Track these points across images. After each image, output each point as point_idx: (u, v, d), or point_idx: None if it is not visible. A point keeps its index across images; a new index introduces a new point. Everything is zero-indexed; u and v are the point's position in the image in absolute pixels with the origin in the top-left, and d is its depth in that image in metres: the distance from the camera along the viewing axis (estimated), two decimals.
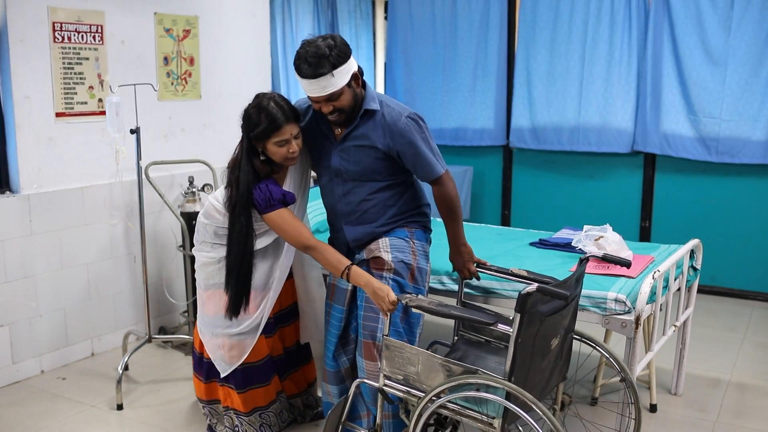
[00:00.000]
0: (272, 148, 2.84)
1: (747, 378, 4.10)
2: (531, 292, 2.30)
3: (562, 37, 5.92)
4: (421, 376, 2.57)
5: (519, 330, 2.33)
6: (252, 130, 2.84)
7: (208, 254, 3.08)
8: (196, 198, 4.36)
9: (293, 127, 2.85)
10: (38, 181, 3.99)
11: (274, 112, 2.80)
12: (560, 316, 2.55)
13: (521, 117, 6.19)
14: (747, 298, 5.53)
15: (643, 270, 3.29)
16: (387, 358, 2.65)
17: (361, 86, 2.86)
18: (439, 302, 2.56)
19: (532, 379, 2.50)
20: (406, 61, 6.76)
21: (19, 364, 4.00)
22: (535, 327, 2.40)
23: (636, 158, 5.84)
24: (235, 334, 3.08)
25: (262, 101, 2.85)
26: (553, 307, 2.46)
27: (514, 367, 2.36)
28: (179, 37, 4.62)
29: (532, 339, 2.41)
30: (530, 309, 2.34)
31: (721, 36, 5.28)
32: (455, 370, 2.47)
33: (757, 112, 5.24)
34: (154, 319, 4.57)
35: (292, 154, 2.86)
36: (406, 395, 2.63)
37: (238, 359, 3.11)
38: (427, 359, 2.54)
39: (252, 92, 5.13)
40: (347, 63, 2.74)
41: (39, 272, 4.03)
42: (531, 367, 2.47)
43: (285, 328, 3.35)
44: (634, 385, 2.78)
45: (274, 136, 2.81)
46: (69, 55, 4.02)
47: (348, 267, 2.79)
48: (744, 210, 5.48)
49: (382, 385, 2.68)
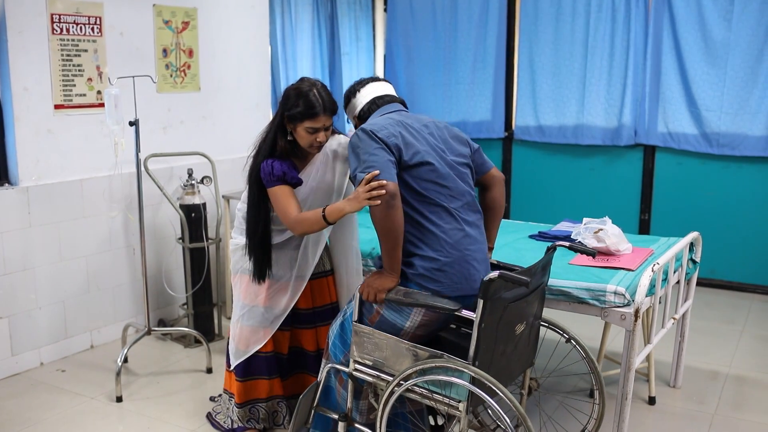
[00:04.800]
0: (301, 132, 2.88)
1: (746, 370, 4.10)
2: (493, 279, 2.35)
3: (564, 32, 5.92)
4: (389, 361, 2.63)
5: (482, 315, 2.39)
6: (288, 109, 2.87)
7: (235, 240, 3.17)
8: (195, 190, 4.36)
9: (327, 119, 2.89)
10: (37, 173, 3.98)
11: (313, 99, 2.84)
12: (525, 303, 2.59)
13: (525, 112, 6.20)
14: (746, 291, 5.53)
15: (642, 262, 3.29)
16: (356, 344, 2.71)
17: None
18: (405, 291, 2.59)
19: (497, 364, 2.54)
20: (408, 54, 6.74)
21: (19, 356, 4.00)
22: (498, 313, 2.44)
23: (636, 151, 5.84)
24: (251, 323, 3.13)
25: (304, 86, 2.89)
26: (517, 294, 2.50)
27: (478, 352, 2.42)
28: (178, 29, 4.61)
29: (495, 324, 2.46)
30: (493, 295, 2.38)
31: (722, 30, 5.28)
32: (421, 355, 2.53)
33: (758, 105, 5.24)
34: (153, 311, 4.57)
35: (319, 143, 2.91)
36: (375, 379, 2.69)
37: (246, 347, 3.16)
38: (395, 344, 2.60)
39: (251, 84, 5.19)
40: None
41: (38, 264, 4.03)
42: (495, 351, 2.52)
43: (302, 330, 3.29)
44: (598, 371, 2.86)
45: (308, 121, 2.85)
46: (68, 46, 4.01)
47: (323, 210, 2.81)
48: (744, 203, 5.48)
49: (353, 370, 2.73)
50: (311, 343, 3.29)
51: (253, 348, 3.17)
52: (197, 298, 4.40)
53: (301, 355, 3.33)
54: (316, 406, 2.89)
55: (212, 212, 4.56)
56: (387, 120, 2.71)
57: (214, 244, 4.48)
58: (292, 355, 3.33)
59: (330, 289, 3.30)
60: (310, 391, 2.88)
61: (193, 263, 4.35)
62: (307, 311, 3.23)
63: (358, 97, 2.93)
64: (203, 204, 4.36)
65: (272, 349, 3.21)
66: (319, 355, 3.29)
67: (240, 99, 5.13)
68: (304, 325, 3.26)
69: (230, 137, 5.07)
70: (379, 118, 2.77)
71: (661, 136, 5.66)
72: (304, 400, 2.87)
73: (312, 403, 2.88)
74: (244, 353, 3.18)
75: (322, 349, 3.29)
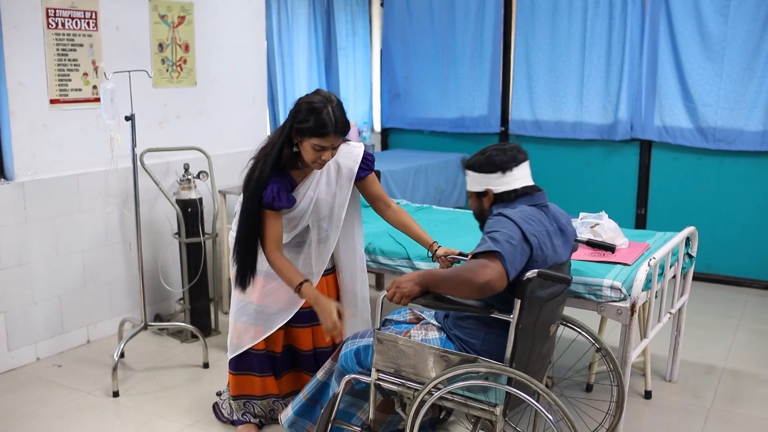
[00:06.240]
0: (307, 147, 2.79)
1: (741, 365, 4.11)
2: (531, 278, 2.31)
3: (561, 26, 5.92)
4: (417, 369, 2.54)
5: (519, 316, 2.34)
6: (298, 122, 2.77)
7: (232, 232, 3.11)
8: (192, 185, 4.35)
9: (336, 139, 2.79)
10: (33, 168, 3.97)
11: (326, 118, 2.73)
12: (557, 303, 2.56)
13: (521, 106, 6.20)
14: (742, 286, 5.54)
15: (638, 257, 3.29)
16: (379, 352, 2.61)
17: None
18: (433, 294, 2.52)
19: (533, 366, 2.51)
20: (404, 49, 6.75)
21: (15, 351, 4.00)
22: (535, 313, 2.40)
23: (632, 145, 5.84)
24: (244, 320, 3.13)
25: (316, 103, 2.75)
26: (551, 292, 2.46)
27: (515, 353, 2.37)
28: (174, 23, 4.59)
29: (533, 325, 2.42)
30: (530, 294, 2.34)
31: (718, 24, 5.28)
32: (453, 360, 2.45)
33: (754, 100, 5.24)
34: (149, 306, 4.57)
35: (323, 161, 2.83)
36: (401, 388, 2.60)
37: (238, 342, 3.16)
38: (422, 350, 2.52)
39: (248, 79, 5.19)
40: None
41: (34, 259, 4.03)
42: (532, 353, 2.47)
43: (298, 328, 3.25)
44: (623, 384, 2.81)
45: (315, 139, 2.75)
46: (63, 41, 4.00)
47: (300, 284, 2.80)
48: (740, 198, 5.48)
49: (375, 379, 2.65)
50: (307, 342, 3.26)
51: (245, 345, 3.16)
52: (194, 293, 4.40)
53: (295, 354, 3.31)
54: (333, 419, 2.81)
55: (209, 207, 4.55)
56: (541, 227, 2.48)
57: (210, 239, 4.48)
58: (286, 354, 3.30)
59: (329, 288, 3.25)
60: (327, 405, 2.82)
61: (190, 258, 4.35)
62: (304, 309, 3.16)
63: (508, 176, 2.58)
64: (199, 199, 4.36)
65: (264, 347, 3.20)
66: (315, 355, 3.28)
67: (236, 94, 5.12)
68: (299, 323, 3.21)
69: (226, 132, 5.06)
70: (530, 215, 2.50)
71: (657, 131, 5.66)
72: (323, 413, 2.82)
73: (329, 416, 2.80)
74: (237, 348, 3.18)
75: (318, 348, 3.28)
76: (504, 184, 2.57)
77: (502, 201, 2.58)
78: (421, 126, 6.86)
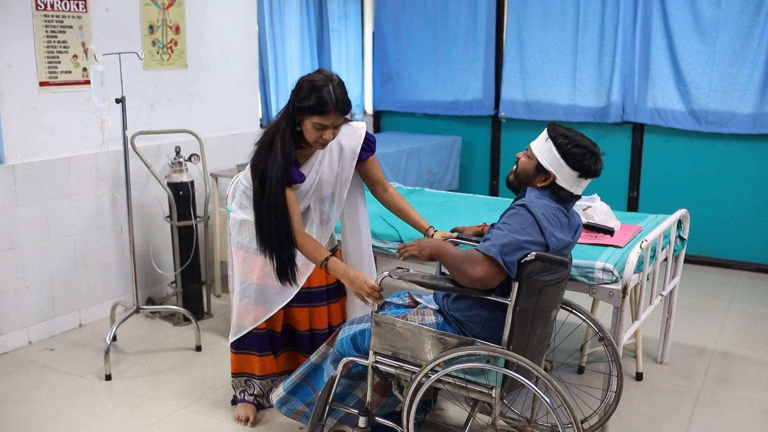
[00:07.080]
0: (308, 126, 2.78)
1: (732, 346, 4.14)
2: (530, 261, 2.30)
3: (553, 8, 5.89)
4: (414, 351, 2.55)
5: (517, 299, 2.34)
6: (299, 101, 2.76)
7: (234, 214, 3.12)
8: (183, 168, 4.33)
9: (337, 118, 2.78)
10: (23, 151, 3.94)
11: (326, 96, 2.72)
12: (559, 287, 2.56)
13: (513, 89, 6.18)
14: (733, 268, 5.57)
15: (630, 239, 3.30)
16: (377, 335, 2.62)
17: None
18: (431, 275, 2.54)
19: (532, 349, 2.51)
20: (396, 31, 6.70)
21: (7, 335, 3.99)
22: (534, 297, 2.40)
23: (624, 128, 5.84)
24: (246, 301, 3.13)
25: (317, 82, 2.75)
26: (554, 277, 2.46)
27: (512, 336, 2.37)
28: (165, 5, 4.55)
29: (533, 309, 2.42)
30: (527, 277, 2.34)
31: (711, 7, 5.27)
32: (450, 342, 2.46)
33: (746, 83, 5.24)
34: (141, 289, 4.56)
35: (325, 140, 2.82)
36: (398, 371, 2.61)
37: (241, 323, 3.17)
38: (420, 333, 2.53)
39: (239, 61, 5.15)
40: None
41: (25, 243, 4.01)
42: (531, 336, 2.47)
43: (296, 308, 3.25)
44: (614, 344, 2.83)
45: (316, 117, 2.75)
46: (52, 23, 3.96)
47: (326, 258, 2.79)
48: (731, 181, 5.50)
49: (373, 362, 2.66)
50: (304, 322, 3.27)
51: (246, 327, 3.17)
52: (186, 277, 4.39)
53: (292, 333, 3.33)
54: (331, 402, 2.82)
55: (200, 190, 4.53)
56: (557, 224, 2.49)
57: (202, 222, 4.47)
58: (284, 333, 3.32)
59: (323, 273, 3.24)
60: (324, 388, 2.83)
61: (182, 241, 4.34)
62: (302, 290, 3.17)
63: (579, 181, 2.53)
64: (191, 182, 4.34)
65: (265, 327, 3.21)
66: (311, 336, 3.29)
67: (227, 76, 5.09)
68: (298, 303, 3.21)
69: (218, 115, 5.03)
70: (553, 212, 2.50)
71: (650, 114, 5.66)
72: (319, 397, 2.84)
73: (327, 399, 2.82)
74: (239, 330, 3.19)
75: (314, 329, 3.29)
76: (570, 183, 2.52)
77: (550, 191, 2.55)
78: (413, 109, 6.83)
